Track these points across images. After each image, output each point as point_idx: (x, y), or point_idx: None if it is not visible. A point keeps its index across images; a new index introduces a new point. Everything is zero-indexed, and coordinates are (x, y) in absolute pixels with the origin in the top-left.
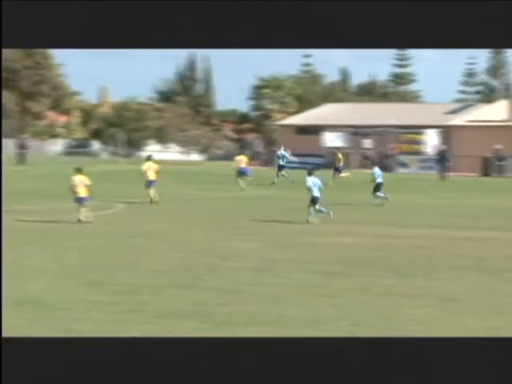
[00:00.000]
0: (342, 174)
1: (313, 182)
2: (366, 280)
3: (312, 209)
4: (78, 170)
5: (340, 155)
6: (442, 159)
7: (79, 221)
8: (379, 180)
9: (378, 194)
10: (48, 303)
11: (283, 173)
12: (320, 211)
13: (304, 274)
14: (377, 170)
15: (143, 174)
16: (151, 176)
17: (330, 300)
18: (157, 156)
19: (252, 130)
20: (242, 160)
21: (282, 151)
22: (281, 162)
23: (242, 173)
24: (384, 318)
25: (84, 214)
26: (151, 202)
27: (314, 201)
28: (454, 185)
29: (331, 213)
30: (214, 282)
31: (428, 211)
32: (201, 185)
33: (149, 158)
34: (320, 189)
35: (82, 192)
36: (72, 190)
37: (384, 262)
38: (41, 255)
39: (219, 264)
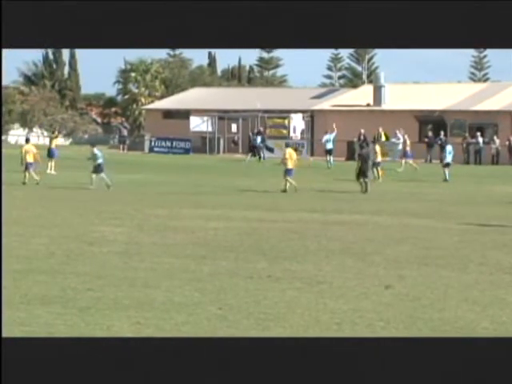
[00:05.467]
0: None
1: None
2: (234, 264)
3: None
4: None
5: None
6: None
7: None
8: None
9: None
10: None
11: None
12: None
13: (172, 259)
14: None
15: (22, 156)
16: (30, 158)
17: (198, 284)
18: (21, 140)
19: (119, 114)
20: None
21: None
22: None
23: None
24: (252, 302)
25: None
26: (37, 183)
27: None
28: (323, 170)
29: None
30: (80, 268)
31: (298, 195)
32: (67, 169)
33: (27, 141)
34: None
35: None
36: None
37: (253, 245)
38: None
39: (86, 249)
